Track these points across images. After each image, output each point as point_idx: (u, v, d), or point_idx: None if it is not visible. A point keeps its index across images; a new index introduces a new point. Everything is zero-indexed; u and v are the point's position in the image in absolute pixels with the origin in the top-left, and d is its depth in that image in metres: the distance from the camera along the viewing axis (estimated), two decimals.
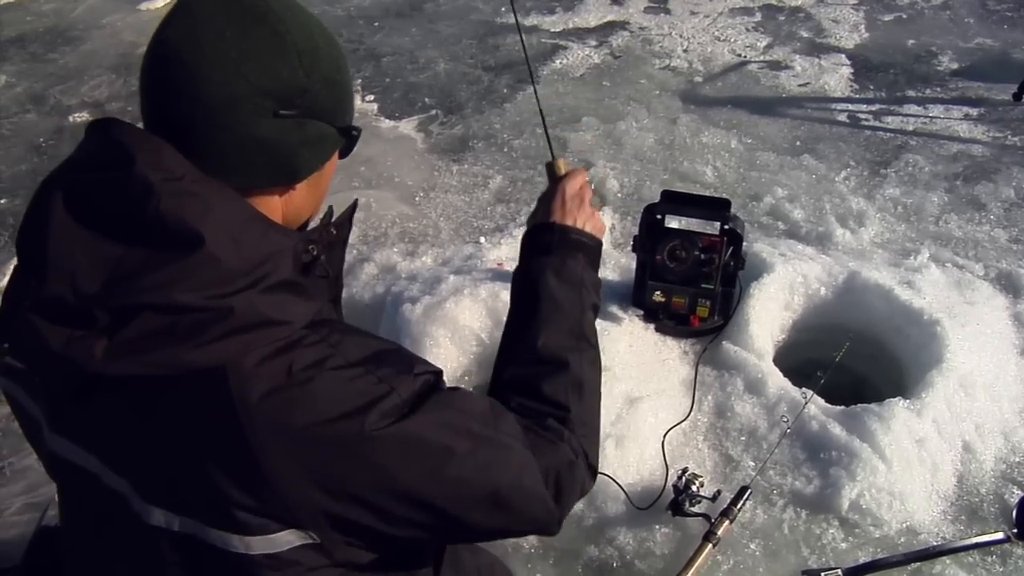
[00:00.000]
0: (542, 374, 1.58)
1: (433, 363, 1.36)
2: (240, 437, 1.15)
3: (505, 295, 3.12)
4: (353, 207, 1.48)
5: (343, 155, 1.47)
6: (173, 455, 1.20)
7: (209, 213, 1.16)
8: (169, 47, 1.23)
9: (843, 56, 6.01)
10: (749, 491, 2.58)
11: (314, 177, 1.39)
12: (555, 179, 1.89)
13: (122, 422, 1.23)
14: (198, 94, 1.21)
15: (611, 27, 6.73)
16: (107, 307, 1.13)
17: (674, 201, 3.20)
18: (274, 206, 1.35)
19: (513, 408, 1.48)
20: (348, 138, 1.43)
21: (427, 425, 1.26)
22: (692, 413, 2.95)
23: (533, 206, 1.89)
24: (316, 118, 1.33)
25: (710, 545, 2.40)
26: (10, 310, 1.25)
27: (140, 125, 1.26)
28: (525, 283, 1.73)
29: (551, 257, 1.73)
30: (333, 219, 1.43)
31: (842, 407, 2.92)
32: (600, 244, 1.83)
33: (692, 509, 2.51)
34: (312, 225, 1.44)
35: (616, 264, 3.69)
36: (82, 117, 5.79)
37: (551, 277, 1.69)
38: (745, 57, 6.09)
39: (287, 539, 1.21)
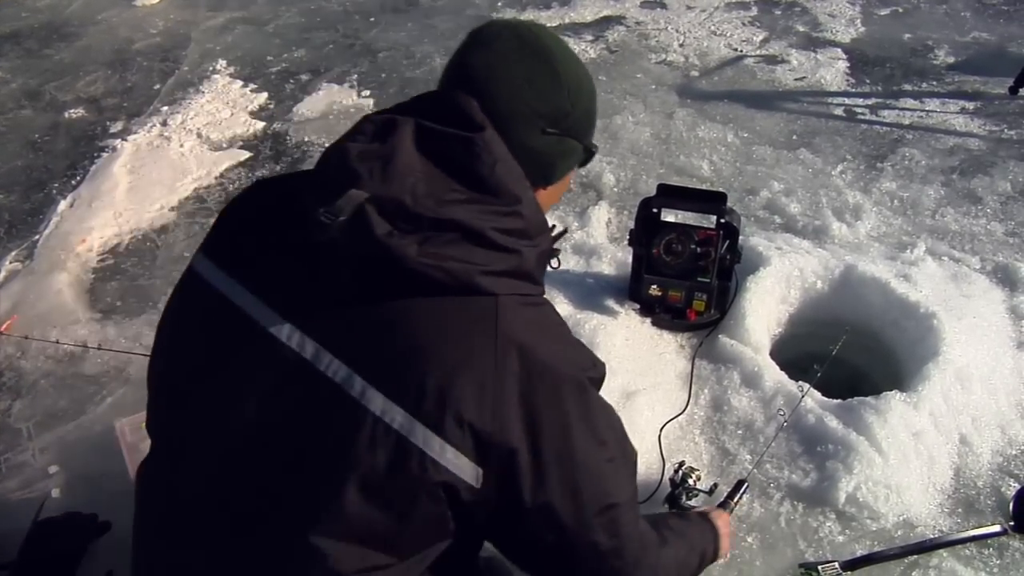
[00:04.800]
0: (660, 525, 1.99)
1: None
2: (490, 353, 1.42)
3: None
4: (563, 233, 1.81)
5: (581, 166, 1.86)
6: (424, 354, 1.41)
7: (525, 187, 1.54)
8: (471, 70, 1.61)
9: (839, 50, 6.00)
10: (746, 484, 2.58)
11: (559, 182, 1.80)
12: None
13: (382, 317, 1.45)
14: (490, 107, 1.55)
15: (607, 22, 6.72)
16: (432, 217, 1.41)
17: (670, 195, 3.21)
18: None
19: None
20: (588, 154, 1.82)
21: (604, 412, 1.62)
22: (689, 407, 2.96)
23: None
24: (571, 137, 1.71)
25: None
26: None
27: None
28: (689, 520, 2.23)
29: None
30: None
31: (839, 400, 2.93)
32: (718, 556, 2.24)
33: (689, 503, 2.51)
34: None
35: (612, 258, 3.69)
36: (77, 113, 5.78)
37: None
38: (741, 51, 6.07)
39: (464, 466, 1.41)
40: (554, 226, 1.72)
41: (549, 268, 1.66)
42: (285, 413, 1.47)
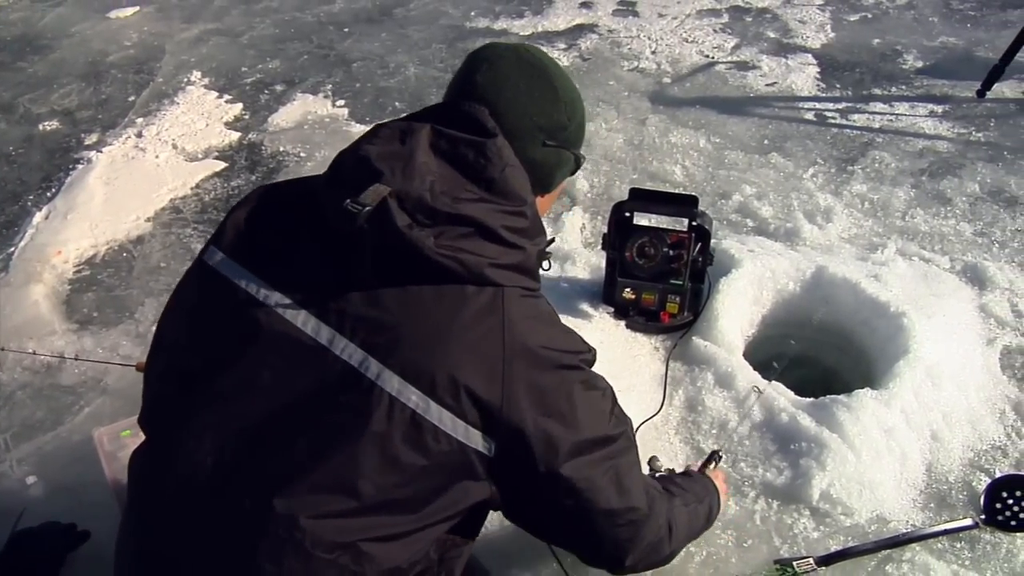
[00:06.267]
0: (665, 482, 2.21)
1: None
2: (499, 339, 1.55)
3: None
4: (551, 240, 1.87)
5: (571, 174, 2.01)
6: (437, 338, 1.53)
7: (529, 191, 1.70)
8: (477, 88, 1.74)
9: (810, 56, 6.05)
10: (719, 455, 2.65)
11: (555, 190, 1.98)
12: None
13: (397, 303, 1.56)
14: (497, 121, 1.68)
15: (580, 30, 6.76)
16: (449, 213, 1.55)
17: (642, 198, 3.23)
18: None
19: None
20: (578, 164, 1.98)
21: (600, 386, 1.77)
22: (663, 408, 2.99)
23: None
24: (566, 148, 1.88)
25: None
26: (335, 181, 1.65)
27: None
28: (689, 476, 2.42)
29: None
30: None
31: (811, 399, 2.96)
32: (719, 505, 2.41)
33: None
34: None
35: (586, 262, 3.72)
36: (52, 125, 5.76)
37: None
38: (713, 58, 6.12)
39: (476, 439, 1.54)
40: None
41: (542, 269, 1.80)
42: (302, 395, 1.55)
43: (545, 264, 1.81)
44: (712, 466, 2.58)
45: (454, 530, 1.68)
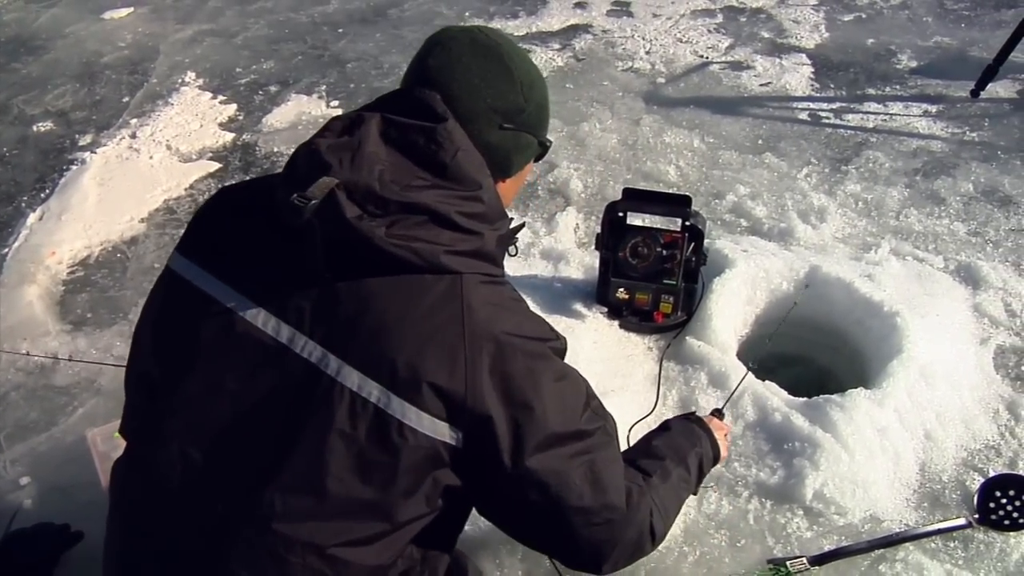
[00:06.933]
0: (641, 456, 2.09)
1: None
2: (459, 326, 1.52)
3: None
4: (521, 226, 1.84)
5: (537, 160, 1.97)
6: (395, 330, 1.50)
7: (485, 174, 1.65)
8: (430, 72, 1.71)
9: (804, 56, 6.04)
10: (724, 413, 2.69)
11: (518, 175, 1.91)
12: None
13: (353, 297, 1.53)
14: (450, 106, 1.65)
15: (574, 30, 6.76)
16: (400, 201, 1.51)
17: (635, 198, 3.23)
18: None
19: None
20: (543, 148, 1.93)
21: (571, 377, 1.71)
22: (657, 407, 2.98)
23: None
24: (526, 131, 1.83)
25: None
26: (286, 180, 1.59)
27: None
28: (669, 429, 2.29)
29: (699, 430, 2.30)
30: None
31: (805, 398, 2.96)
32: (718, 457, 2.34)
33: None
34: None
35: (580, 263, 3.72)
36: (46, 126, 5.76)
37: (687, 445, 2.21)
38: (707, 58, 6.11)
39: (443, 431, 1.50)
40: (512, 219, 1.81)
41: (508, 255, 1.77)
42: (265, 397, 1.54)
43: (511, 249, 1.79)
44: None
45: (435, 526, 1.65)
